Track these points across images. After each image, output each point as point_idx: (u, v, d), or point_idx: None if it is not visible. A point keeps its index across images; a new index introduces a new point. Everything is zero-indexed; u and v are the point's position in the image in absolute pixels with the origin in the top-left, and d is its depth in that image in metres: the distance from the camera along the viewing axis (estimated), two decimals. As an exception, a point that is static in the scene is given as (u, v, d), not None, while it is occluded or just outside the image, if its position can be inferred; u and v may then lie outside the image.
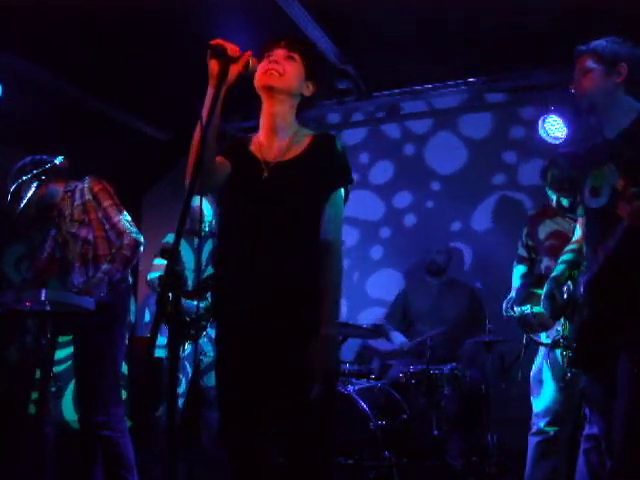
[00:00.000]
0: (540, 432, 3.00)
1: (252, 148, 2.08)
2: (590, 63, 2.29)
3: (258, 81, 2.01)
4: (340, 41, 4.25)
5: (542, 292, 3.12)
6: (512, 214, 4.71)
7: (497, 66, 4.56)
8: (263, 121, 2.08)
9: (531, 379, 3.12)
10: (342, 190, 2.03)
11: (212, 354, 4.02)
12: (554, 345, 2.96)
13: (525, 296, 3.21)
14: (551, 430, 2.97)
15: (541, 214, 3.41)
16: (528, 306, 3.11)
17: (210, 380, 4.06)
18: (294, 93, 2.04)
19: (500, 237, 4.61)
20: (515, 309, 3.21)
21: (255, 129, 2.14)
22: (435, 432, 3.75)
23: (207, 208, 4.25)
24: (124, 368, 4.61)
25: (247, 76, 1.98)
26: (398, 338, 4.48)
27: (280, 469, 1.91)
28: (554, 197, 3.29)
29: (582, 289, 2.27)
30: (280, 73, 1.99)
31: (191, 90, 4.18)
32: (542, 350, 3.09)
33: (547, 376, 3.03)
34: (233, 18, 3.88)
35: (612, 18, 3.44)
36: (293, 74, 2.02)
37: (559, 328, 2.92)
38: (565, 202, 3.23)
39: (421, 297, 4.57)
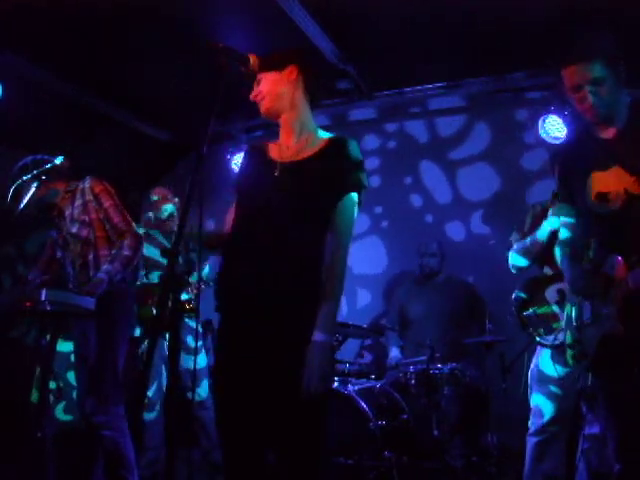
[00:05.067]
0: (538, 432, 2.99)
1: (271, 150, 2.13)
2: (601, 71, 2.10)
3: None
4: (340, 41, 4.25)
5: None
6: (512, 212, 4.70)
7: (497, 66, 4.57)
8: (280, 126, 2.15)
9: (529, 379, 3.12)
10: (353, 196, 2.00)
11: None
12: (558, 347, 2.96)
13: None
14: (549, 430, 2.97)
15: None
16: (531, 310, 3.10)
17: (201, 393, 4.07)
18: (286, 99, 2.09)
19: (500, 235, 4.59)
20: (516, 301, 3.17)
21: (257, 128, 2.19)
22: (435, 432, 3.75)
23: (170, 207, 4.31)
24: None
25: (249, 75, 2.00)
26: (393, 352, 4.48)
27: (272, 468, 1.92)
28: None
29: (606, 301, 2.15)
30: (261, 97, 2.10)
31: (191, 90, 4.21)
32: (540, 350, 3.09)
33: (545, 376, 3.02)
34: (233, 18, 3.88)
35: (612, 18, 3.44)
36: (270, 89, 2.09)
37: (561, 323, 2.92)
38: None
39: (417, 300, 4.56)
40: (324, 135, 2.11)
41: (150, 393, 3.97)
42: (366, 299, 5.27)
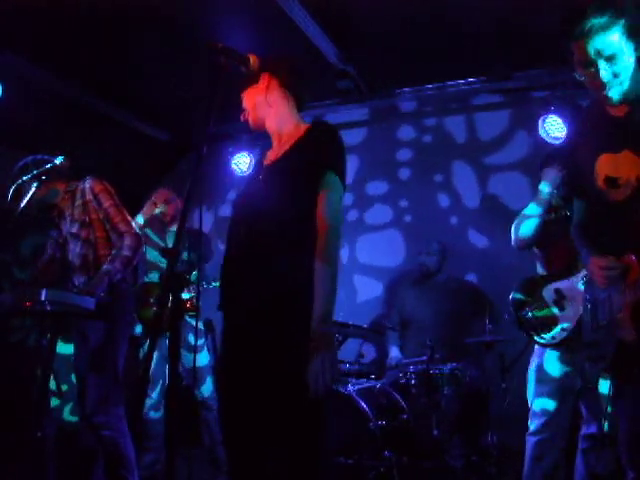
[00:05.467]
0: (537, 432, 2.99)
1: (264, 157, 2.19)
2: (616, 44, 1.86)
3: None
4: (340, 41, 4.25)
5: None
6: (511, 212, 4.65)
7: (497, 66, 4.57)
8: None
9: (528, 378, 3.11)
10: (332, 176, 1.94)
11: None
12: (558, 346, 2.96)
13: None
14: (548, 430, 2.96)
15: None
16: (530, 313, 3.10)
17: (205, 391, 4.08)
18: (264, 106, 2.13)
19: (500, 234, 4.52)
20: (513, 301, 3.15)
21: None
22: (435, 432, 3.76)
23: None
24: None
25: (249, 75, 2.01)
26: (393, 352, 4.48)
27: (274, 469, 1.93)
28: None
29: (619, 304, 1.99)
30: (247, 114, 2.17)
31: (191, 90, 4.21)
32: (543, 350, 3.08)
33: (544, 376, 3.02)
34: (233, 18, 3.88)
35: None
36: (249, 103, 2.16)
37: (564, 326, 2.93)
38: None
39: (417, 300, 4.56)
40: (304, 125, 2.12)
41: (155, 393, 3.99)
42: (377, 291, 5.22)
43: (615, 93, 1.94)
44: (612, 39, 1.87)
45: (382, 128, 5.46)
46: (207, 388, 4.11)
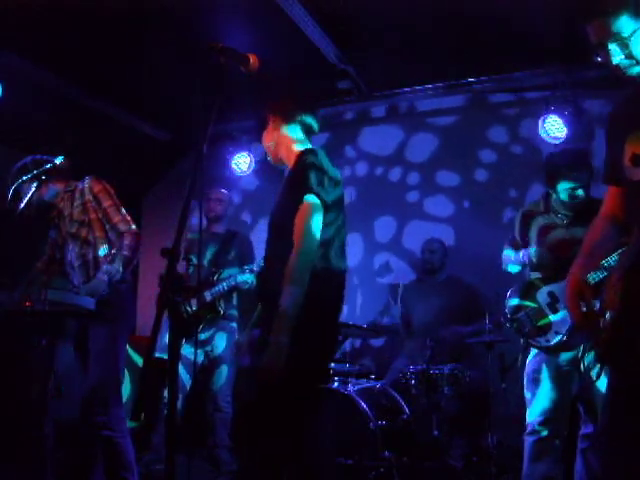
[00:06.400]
0: (535, 432, 2.99)
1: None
2: (628, 24, 1.80)
3: None
4: (340, 41, 4.26)
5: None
6: (511, 213, 4.63)
7: (497, 66, 4.57)
8: None
9: (525, 379, 3.11)
10: (308, 200, 2.08)
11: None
12: (553, 349, 2.96)
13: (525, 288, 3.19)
14: (545, 429, 2.96)
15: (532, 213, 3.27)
16: (523, 312, 3.10)
17: (218, 380, 4.08)
18: (276, 145, 2.33)
19: (499, 235, 4.46)
20: (509, 305, 3.17)
21: (255, 128, 2.29)
22: (435, 432, 3.75)
23: None
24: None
25: (249, 75, 2.01)
26: (398, 364, 4.44)
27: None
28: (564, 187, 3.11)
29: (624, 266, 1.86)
30: (268, 155, 2.39)
31: (191, 90, 4.22)
32: (536, 350, 3.09)
33: (541, 376, 3.02)
34: (233, 18, 3.88)
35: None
36: (267, 144, 2.37)
37: (558, 329, 2.93)
38: (564, 196, 3.12)
39: (419, 299, 4.56)
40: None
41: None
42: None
43: (634, 71, 1.86)
44: (621, 18, 1.80)
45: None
46: (219, 379, 4.11)
